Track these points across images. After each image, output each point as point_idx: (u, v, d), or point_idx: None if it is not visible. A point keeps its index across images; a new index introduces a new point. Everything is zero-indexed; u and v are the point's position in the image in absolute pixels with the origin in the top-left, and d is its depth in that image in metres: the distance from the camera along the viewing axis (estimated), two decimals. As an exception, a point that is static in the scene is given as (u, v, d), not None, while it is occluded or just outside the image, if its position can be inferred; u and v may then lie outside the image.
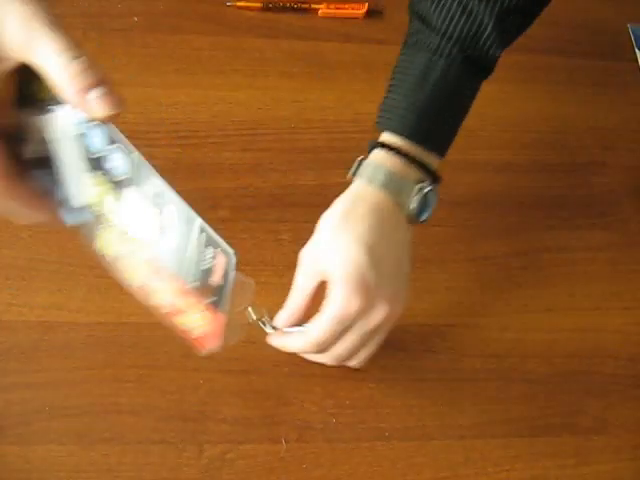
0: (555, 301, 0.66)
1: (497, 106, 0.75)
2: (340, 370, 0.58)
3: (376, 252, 0.49)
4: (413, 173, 0.52)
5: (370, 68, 0.76)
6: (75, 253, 0.60)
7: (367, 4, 0.79)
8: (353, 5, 0.79)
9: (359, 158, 0.53)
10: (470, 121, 0.56)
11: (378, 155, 0.52)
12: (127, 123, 0.40)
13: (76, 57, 0.34)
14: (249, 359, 0.58)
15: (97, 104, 0.35)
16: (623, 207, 0.72)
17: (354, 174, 0.53)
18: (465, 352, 0.62)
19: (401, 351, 0.61)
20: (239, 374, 0.57)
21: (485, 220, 0.68)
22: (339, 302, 0.48)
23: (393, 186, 0.51)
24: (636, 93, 0.80)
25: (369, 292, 0.48)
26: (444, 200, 0.54)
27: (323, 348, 0.51)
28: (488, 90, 0.57)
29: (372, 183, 0.51)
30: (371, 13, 0.79)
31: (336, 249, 0.49)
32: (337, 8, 0.79)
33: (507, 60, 0.57)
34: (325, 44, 0.77)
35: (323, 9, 0.79)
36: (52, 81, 0.35)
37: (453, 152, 0.55)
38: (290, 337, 0.52)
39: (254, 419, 0.56)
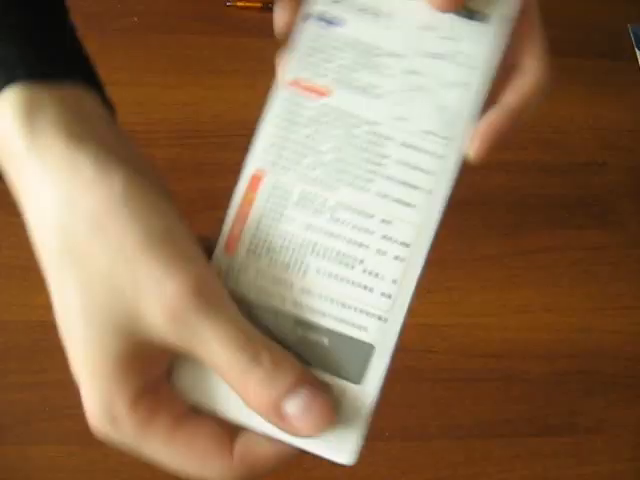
0: (555, 301, 0.66)
1: (497, 106, 0.75)
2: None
3: None
4: None
5: (370, 68, 0.76)
6: (75, 253, 0.60)
7: (367, 4, 0.79)
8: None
9: None
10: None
11: None
12: (127, 123, 0.39)
13: (253, 358, 0.22)
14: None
15: (300, 422, 0.22)
16: (623, 207, 0.72)
17: None
18: (465, 352, 0.62)
19: (401, 351, 0.61)
20: (239, 374, 0.57)
21: (485, 220, 0.68)
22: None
23: None
24: (636, 93, 0.80)
25: None
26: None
27: None
28: (488, 90, 0.57)
29: None
30: (371, 13, 0.80)
31: None
32: (337, 8, 0.79)
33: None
34: (325, 44, 0.77)
35: (323, 9, 0.79)
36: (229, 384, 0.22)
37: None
38: None
39: (254, 419, 0.56)
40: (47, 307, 0.65)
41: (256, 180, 0.25)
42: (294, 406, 0.22)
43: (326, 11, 0.26)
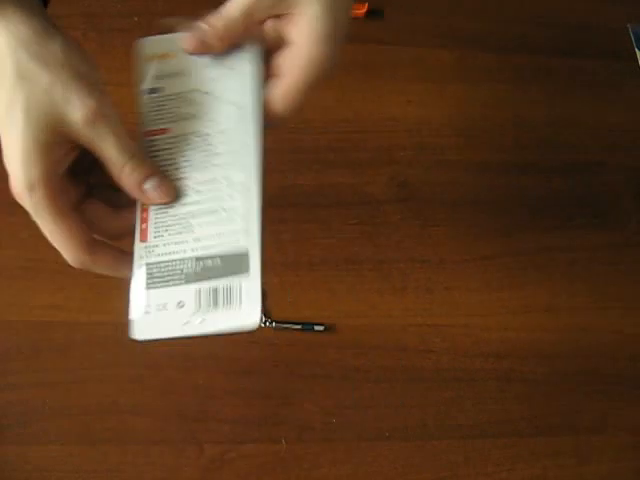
0: (555, 301, 0.66)
1: (497, 106, 0.75)
2: (340, 370, 0.58)
3: None
4: None
5: (370, 68, 0.76)
6: (75, 253, 0.60)
7: (367, 4, 0.79)
8: (353, 5, 0.79)
9: None
10: (470, 121, 0.56)
11: None
12: (127, 123, 0.39)
13: (131, 156, 0.38)
14: (249, 359, 0.58)
15: (152, 194, 0.39)
16: (623, 207, 0.72)
17: None
18: (465, 352, 0.62)
19: (401, 351, 0.61)
20: (239, 374, 0.57)
21: (485, 220, 0.68)
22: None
23: None
24: (636, 93, 0.80)
25: None
26: (444, 200, 0.54)
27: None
28: (488, 90, 0.57)
29: None
30: (371, 13, 0.79)
31: None
32: (337, 8, 0.79)
33: (507, 60, 0.57)
34: (325, 44, 0.77)
35: (323, 9, 0.78)
36: (111, 172, 0.39)
37: (453, 152, 0.55)
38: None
39: (254, 419, 0.56)
40: (47, 307, 0.65)
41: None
42: (149, 184, 0.39)
43: (150, 85, 0.43)
